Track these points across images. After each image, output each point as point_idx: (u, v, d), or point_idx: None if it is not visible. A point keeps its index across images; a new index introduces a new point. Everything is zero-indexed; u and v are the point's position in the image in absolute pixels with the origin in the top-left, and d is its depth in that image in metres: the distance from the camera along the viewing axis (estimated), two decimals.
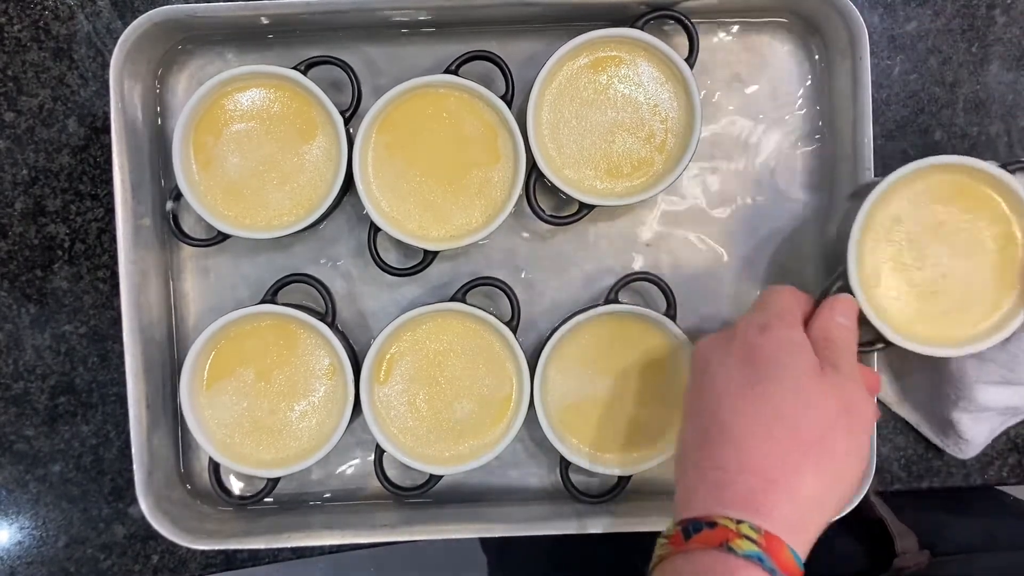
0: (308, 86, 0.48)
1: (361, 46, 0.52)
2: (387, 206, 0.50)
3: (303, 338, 0.50)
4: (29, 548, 0.56)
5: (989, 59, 0.54)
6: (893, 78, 0.54)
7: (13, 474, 0.55)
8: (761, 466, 0.37)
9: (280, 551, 0.55)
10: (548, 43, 0.52)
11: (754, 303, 0.46)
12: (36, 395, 0.55)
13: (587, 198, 0.49)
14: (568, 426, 0.50)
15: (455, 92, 0.49)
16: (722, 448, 0.38)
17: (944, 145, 0.54)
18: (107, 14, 0.54)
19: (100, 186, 0.55)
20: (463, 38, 0.52)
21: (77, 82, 0.54)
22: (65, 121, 0.54)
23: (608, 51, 0.49)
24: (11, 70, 0.54)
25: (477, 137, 0.49)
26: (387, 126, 0.49)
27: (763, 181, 0.53)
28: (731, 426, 0.39)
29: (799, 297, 0.45)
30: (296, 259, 0.53)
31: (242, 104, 0.49)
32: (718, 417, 0.39)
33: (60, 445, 0.55)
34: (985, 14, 0.54)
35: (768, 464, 0.37)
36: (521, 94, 0.50)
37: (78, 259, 0.55)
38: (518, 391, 0.50)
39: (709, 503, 0.37)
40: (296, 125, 0.50)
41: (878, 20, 0.54)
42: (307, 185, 0.50)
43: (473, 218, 0.50)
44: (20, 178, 0.55)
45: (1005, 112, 0.54)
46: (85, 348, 0.55)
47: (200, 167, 0.50)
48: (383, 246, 0.52)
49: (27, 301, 0.55)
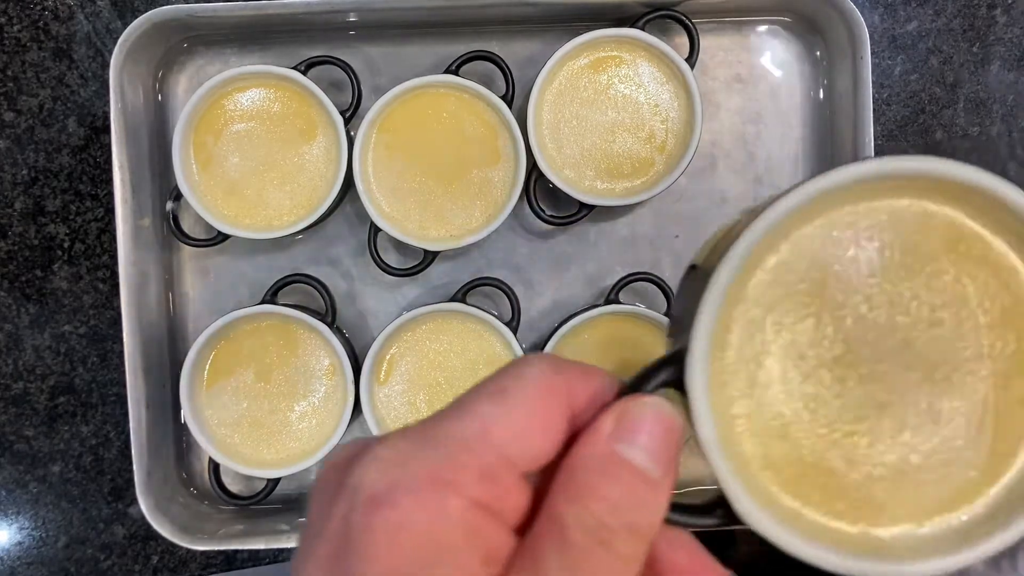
0: (308, 86, 0.48)
1: (361, 46, 0.52)
2: (387, 206, 0.50)
3: (303, 338, 0.50)
4: (29, 548, 0.56)
5: (990, 59, 0.54)
6: (894, 78, 0.54)
7: (13, 474, 0.55)
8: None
9: (280, 551, 0.55)
10: (548, 43, 0.52)
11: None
12: (36, 395, 0.55)
13: (587, 198, 0.49)
14: None
15: (455, 92, 0.49)
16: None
17: (945, 145, 0.54)
18: (107, 14, 0.54)
19: (100, 186, 0.55)
20: (463, 38, 0.52)
21: (77, 82, 0.54)
22: (65, 121, 0.54)
23: (608, 51, 0.49)
24: (11, 70, 0.54)
25: (477, 137, 0.49)
26: (387, 126, 0.49)
27: (764, 181, 0.53)
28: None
29: (554, 389, 0.22)
30: (296, 259, 0.53)
31: (242, 104, 0.49)
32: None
33: (60, 445, 0.55)
34: (986, 14, 0.54)
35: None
36: (521, 94, 0.50)
37: (78, 259, 0.55)
38: None
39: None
40: (296, 125, 0.49)
41: (879, 20, 0.54)
42: (307, 185, 0.50)
43: (473, 218, 0.50)
44: (20, 178, 0.54)
45: (1006, 112, 0.54)
46: (85, 348, 0.55)
47: (200, 167, 0.50)
48: (383, 246, 0.52)
49: (27, 301, 0.55)
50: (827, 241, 0.24)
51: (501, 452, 0.21)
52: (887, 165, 0.23)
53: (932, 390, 0.24)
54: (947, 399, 0.24)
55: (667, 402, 0.22)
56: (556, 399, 0.22)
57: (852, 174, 0.23)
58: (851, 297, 0.24)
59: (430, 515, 0.20)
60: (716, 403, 0.24)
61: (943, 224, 0.24)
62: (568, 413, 0.22)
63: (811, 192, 0.23)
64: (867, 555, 0.23)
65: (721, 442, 0.23)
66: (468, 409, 0.22)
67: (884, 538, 0.24)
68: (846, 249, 0.24)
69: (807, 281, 0.24)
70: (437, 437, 0.21)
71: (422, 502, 0.20)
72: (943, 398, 0.24)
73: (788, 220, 0.23)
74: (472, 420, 0.21)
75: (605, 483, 0.21)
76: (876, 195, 0.24)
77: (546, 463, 0.22)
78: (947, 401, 0.24)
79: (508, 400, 0.22)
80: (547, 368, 0.22)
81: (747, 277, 0.24)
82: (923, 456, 0.24)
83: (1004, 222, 0.24)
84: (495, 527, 0.21)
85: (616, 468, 0.21)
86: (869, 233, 0.24)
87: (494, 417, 0.21)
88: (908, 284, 0.24)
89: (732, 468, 0.23)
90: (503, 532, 0.21)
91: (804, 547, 0.23)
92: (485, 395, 0.22)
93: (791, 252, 0.24)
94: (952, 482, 0.24)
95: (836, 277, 0.24)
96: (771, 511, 0.23)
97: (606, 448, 0.21)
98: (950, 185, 0.23)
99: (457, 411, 0.22)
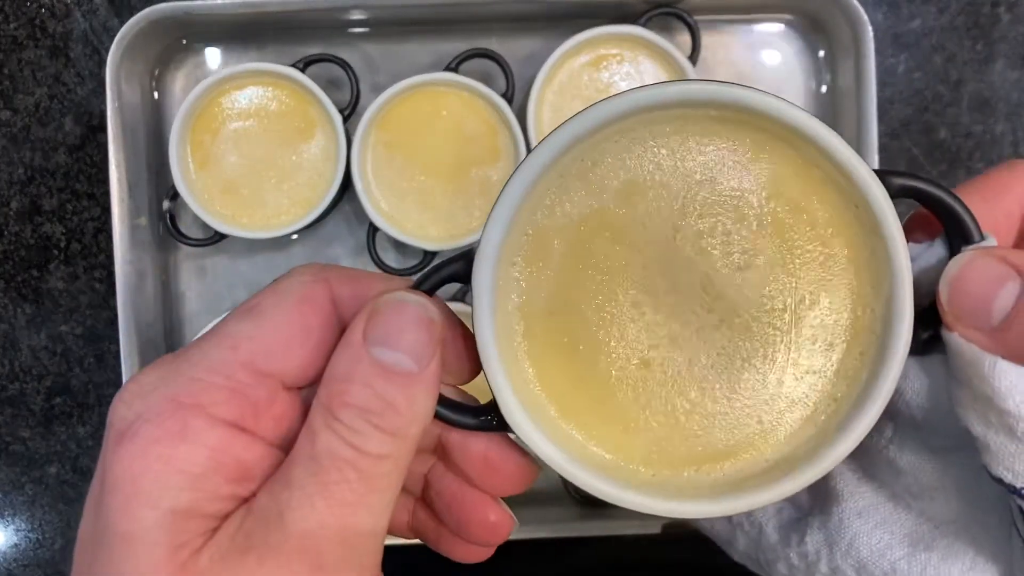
0: (306, 84, 0.48)
1: (360, 44, 0.52)
2: (386, 205, 0.49)
3: None
4: (25, 551, 0.55)
5: (994, 57, 0.54)
6: (897, 76, 0.54)
7: (9, 476, 0.55)
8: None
9: None
10: (549, 41, 0.51)
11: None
12: (32, 396, 0.55)
13: None
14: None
15: (455, 90, 0.49)
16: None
17: (949, 143, 0.54)
18: (103, 12, 0.54)
19: (96, 185, 0.54)
20: (463, 36, 0.52)
21: (74, 80, 0.54)
22: (61, 120, 0.54)
23: (609, 49, 0.49)
24: (7, 68, 0.54)
25: (477, 136, 0.49)
26: (386, 125, 0.49)
27: None
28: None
29: (311, 297, 0.22)
30: (294, 259, 0.53)
31: (240, 102, 0.49)
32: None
33: (56, 447, 0.55)
34: (990, 11, 0.53)
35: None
36: (521, 92, 0.50)
37: (74, 259, 0.54)
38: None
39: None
40: (294, 124, 0.49)
41: (882, 18, 0.54)
42: (305, 184, 0.49)
43: (473, 218, 0.49)
44: (16, 177, 0.54)
45: (1010, 111, 0.54)
46: (81, 349, 0.55)
47: (197, 166, 0.49)
48: (382, 246, 0.51)
49: (23, 301, 0.55)
50: (641, 155, 0.23)
51: (253, 368, 0.21)
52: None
53: (730, 332, 0.24)
54: (744, 343, 0.24)
55: (422, 296, 0.22)
56: (314, 307, 0.22)
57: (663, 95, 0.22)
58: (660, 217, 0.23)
59: (171, 440, 0.20)
60: (501, 305, 0.23)
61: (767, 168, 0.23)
62: (333, 320, 0.22)
63: (630, 102, 0.22)
64: (630, 487, 0.23)
65: (499, 345, 0.23)
66: (219, 331, 0.22)
67: (644, 473, 0.24)
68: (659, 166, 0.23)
69: (612, 193, 0.23)
70: (188, 362, 0.21)
71: (162, 429, 0.20)
72: (739, 343, 0.24)
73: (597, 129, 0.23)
74: (221, 340, 0.21)
75: (353, 386, 0.21)
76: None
77: (316, 372, 0.22)
78: (744, 348, 0.24)
79: (260, 315, 0.22)
80: (307, 277, 0.22)
81: (546, 186, 0.23)
82: (710, 403, 0.24)
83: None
84: (247, 444, 0.21)
85: (363, 368, 0.21)
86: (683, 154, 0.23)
87: (244, 334, 0.21)
88: (720, 219, 0.23)
89: (506, 372, 0.23)
90: (259, 448, 0.21)
91: (568, 465, 0.23)
92: (237, 314, 0.22)
93: (598, 161, 0.23)
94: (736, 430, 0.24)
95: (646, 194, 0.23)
96: (541, 423, 0.23)
97: (355, 349, 0.21)
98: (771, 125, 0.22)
99: (211, 335, 0.22)
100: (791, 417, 0.24)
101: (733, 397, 0.24)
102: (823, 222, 0.23)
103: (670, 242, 0.23)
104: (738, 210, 0.23)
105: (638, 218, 0.23)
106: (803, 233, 0.23)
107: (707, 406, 0.24)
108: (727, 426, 0.24)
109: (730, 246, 0.23)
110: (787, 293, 0.23)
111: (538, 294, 0.24)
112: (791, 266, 0.23)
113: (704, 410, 0.24)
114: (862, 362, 0.23)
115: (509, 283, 0.24)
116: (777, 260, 0.23)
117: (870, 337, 0.23)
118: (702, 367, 0.24)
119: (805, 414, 0.24)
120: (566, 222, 0.24)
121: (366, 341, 0.21)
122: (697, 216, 0.23)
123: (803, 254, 0.23)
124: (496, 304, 0.23)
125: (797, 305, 0.23)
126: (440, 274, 0.23)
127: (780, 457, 0.24)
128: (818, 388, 0.24)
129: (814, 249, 0.23)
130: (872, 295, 0.23)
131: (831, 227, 0.23)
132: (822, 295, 0.23)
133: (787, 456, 0.24)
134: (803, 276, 0.23)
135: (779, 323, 0.23)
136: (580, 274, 0.24)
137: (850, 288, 0.23)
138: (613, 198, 0.23)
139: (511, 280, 0.24)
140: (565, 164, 0.23)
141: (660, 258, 0.23)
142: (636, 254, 0.23)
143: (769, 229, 0.23)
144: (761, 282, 0.23)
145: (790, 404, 0.24)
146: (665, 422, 0.24)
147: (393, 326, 0.21)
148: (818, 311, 0.23)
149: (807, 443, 0.24)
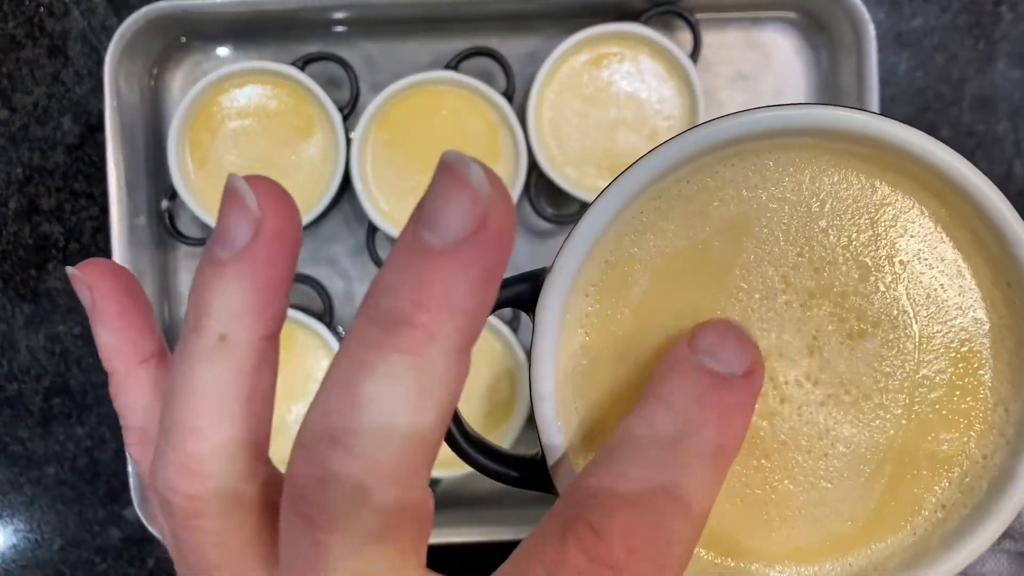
0: (306, 83, 0.48)
1: (360, 42, 0.52)
2: (385, 205, 0.49)
3: (300, 339, 0.49)
4: (24, 551, 0.55)
5: (996, 56, 0.54)
6: (899, 75, 0.54)
7: (7, 476, 0.55)
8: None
9: None
10: (549, 39, 0.51)
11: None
12: (30, 396, 0.55)
13: (589, 197, 0.48)
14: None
15: (455, 89, 0.49)
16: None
17: (950, 143, 0.54)
18: (102, 10, 0.53)
19: (95, 185, 0.54)
20: (463, 34, 0.51)
21: (72, 79, 0.54)
22: (60, 119, 0.54)
23: (610, 47, 0.48)
24: (5, 67, 0.54)
25: (477, 135, 0.49)
26: (386, 124, 0.49)
27: None
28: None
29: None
30: None
31: (239, 101, 0.49)
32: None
33: (55, 447, 0.55)
34: (992, 10, 0.53)
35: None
36: (522, 91, 0.50)
37: (73, 258, 0.54)
38: (519, 394, 0.49)
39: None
40: (293, 123, 0.49)
41: (884, 16, 0.53)
42: (304, 184, 0.49)
43: None
44: (14, 176, 0.54)
45: (1012, 110, 0.54)
46: (80, 349, 0.54)
47: (196, 165, 0.49)
48: (381, 246, 0.51)
49: (21, 301, 0.54)
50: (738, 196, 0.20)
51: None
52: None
53: (835, 412, 0.20)
54: (847, 427, 0.20)
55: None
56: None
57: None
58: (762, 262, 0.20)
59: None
60: (566, 344, 0.20)
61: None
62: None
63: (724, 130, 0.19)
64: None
65: (557, 397, 0.20)
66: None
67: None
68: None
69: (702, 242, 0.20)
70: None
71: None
72: (843, 425, 0.20)
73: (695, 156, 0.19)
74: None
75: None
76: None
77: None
78: (846, 429, 0.20)
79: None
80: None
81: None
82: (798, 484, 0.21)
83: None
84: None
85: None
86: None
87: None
88: (826, 251, 0.20)
89: (563, 429, 0.20)
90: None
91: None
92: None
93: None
94: (819, 526, 0.21)
95: (749, 233, 0.20)
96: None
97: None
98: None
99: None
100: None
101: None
102: (966, 303, 0.20)
103: (775, 296, 0.20)
104: (863, 269, 0.20)
105: (744, 262, 0.20)
106: (938, 311, 0.20)
107: (799, 496, 0.21)
108: (814, 520, 0.21)
109: (846, 311, 0.20)
110: (906, 374, 0.20)
111: (607, 337, 0.21)
112: (917, 343, 0.20)
113: (795, 500, 0.21)
114: (984, 468, 0.20)
115: (577, 318, 0.21)
116: (901, 336, 0.20)
117: (999, 441, 0.20)
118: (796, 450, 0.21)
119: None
120: (656, 253, 0.20)
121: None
122: (814, 271, 0.20)
123: (932, 335, 0.20)
124: (560, 344, 0.20)
125: (915, 388, 0.20)
126: (501, 294, 0.20)
127: (868, 563, 0.21)
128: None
129: (945, 328, 0.20)
130: (1010, 393, 0.20)
131: (974, 308, 0.20)
132: (947, 381, 0.20)
133: (875, 564, 0.21)
134: (928, 358, 0.20)
135: (892, 405, 0.20)
136: (662, 318, 0.20)
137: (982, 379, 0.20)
138: (717, 234, 0.20)
139: (580, 315, 0.21)
140: (666, 185, 0.20)
141: (762, 315, 0.20)
142: (734, 304, 0.20)
143: (899, 297, 0.20)
144: (877, 357, 0.20)
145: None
146: (742, 505, 0.21)
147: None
148: (940, 398, 0.20)
149: (902, 552, 0.20)
